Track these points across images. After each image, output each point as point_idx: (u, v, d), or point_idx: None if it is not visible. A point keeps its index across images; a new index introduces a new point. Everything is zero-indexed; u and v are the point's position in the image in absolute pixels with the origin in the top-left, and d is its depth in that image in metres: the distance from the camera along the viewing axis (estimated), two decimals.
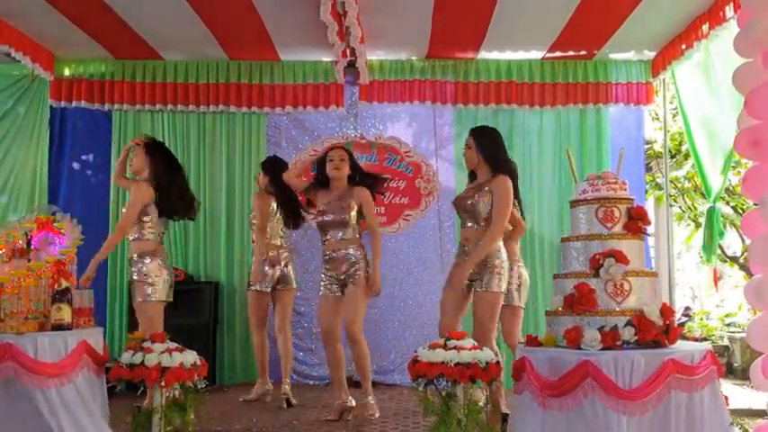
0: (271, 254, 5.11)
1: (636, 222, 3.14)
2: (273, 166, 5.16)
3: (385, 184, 4.75)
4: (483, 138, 4.09)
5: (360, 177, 4.55)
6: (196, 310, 5.81)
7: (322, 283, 4.50)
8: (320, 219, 4.48)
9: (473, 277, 3.95)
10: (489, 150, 4.04)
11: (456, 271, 3.99)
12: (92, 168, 6.28)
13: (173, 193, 4.20)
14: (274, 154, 5.64)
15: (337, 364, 4.50)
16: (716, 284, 7.84)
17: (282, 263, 5.17)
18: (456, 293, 3.99)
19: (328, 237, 4.46)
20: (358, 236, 4.50)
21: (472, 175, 4.17)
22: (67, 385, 3.19)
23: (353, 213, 4.45)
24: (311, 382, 5.95)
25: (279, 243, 5.21)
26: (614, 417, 2.75)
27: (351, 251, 4.42)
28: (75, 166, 6.18)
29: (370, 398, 4.51)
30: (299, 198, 4.91)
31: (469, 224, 4.00)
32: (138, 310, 4.17)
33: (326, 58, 6.07)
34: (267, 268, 5.08)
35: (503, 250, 3.98)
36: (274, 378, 5.26)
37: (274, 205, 5.11)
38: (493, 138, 4.11)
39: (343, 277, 4.41)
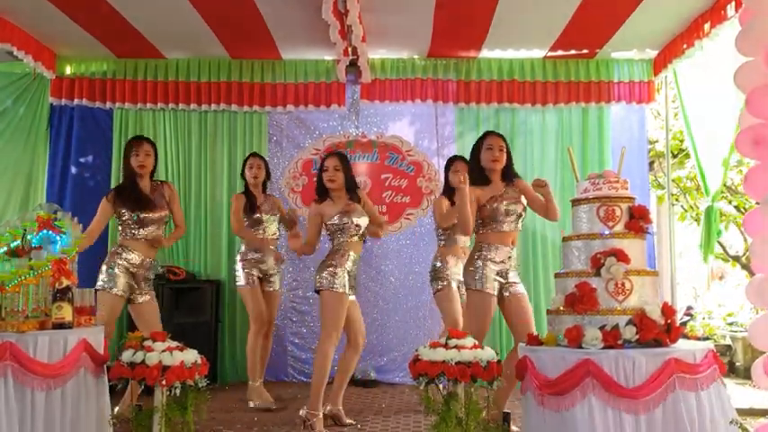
0: None
1: (637, 221, 3.13)
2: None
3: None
4: (507, 145, 4.21)
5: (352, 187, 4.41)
6: (197, 308, 5.82)
7: (339, 282, 4.24)
8: (344, 220, 4.29)
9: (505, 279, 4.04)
10: (511, 157, 4.20)
11: None
12: (92, 167, 6.26)
13: None
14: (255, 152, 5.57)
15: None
16: (709, 283, 7.83)
17: None
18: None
19: (349, 239, 4.31)
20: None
21: (483, 179, 4.11)
22: (67, 384, 3.18)
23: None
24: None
25: None
26: (616, 415, 2.74)
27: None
28: (76, 164, 6.16)
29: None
30: None
31: (514, 225, 4.10)
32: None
33: (328, 57, 6.07)
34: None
35: None
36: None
37: None
38: None
39: (353, 283, 4.35)
